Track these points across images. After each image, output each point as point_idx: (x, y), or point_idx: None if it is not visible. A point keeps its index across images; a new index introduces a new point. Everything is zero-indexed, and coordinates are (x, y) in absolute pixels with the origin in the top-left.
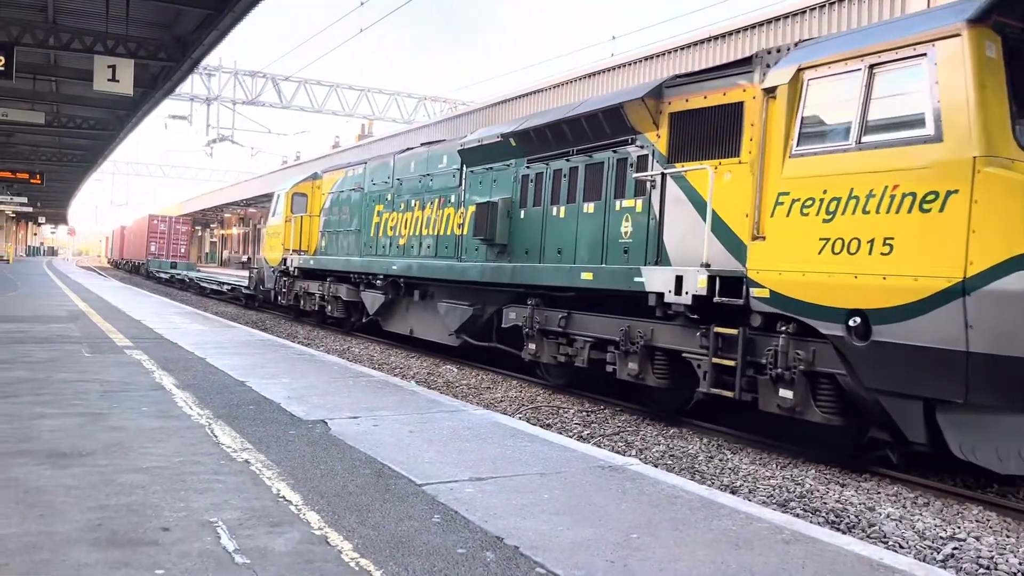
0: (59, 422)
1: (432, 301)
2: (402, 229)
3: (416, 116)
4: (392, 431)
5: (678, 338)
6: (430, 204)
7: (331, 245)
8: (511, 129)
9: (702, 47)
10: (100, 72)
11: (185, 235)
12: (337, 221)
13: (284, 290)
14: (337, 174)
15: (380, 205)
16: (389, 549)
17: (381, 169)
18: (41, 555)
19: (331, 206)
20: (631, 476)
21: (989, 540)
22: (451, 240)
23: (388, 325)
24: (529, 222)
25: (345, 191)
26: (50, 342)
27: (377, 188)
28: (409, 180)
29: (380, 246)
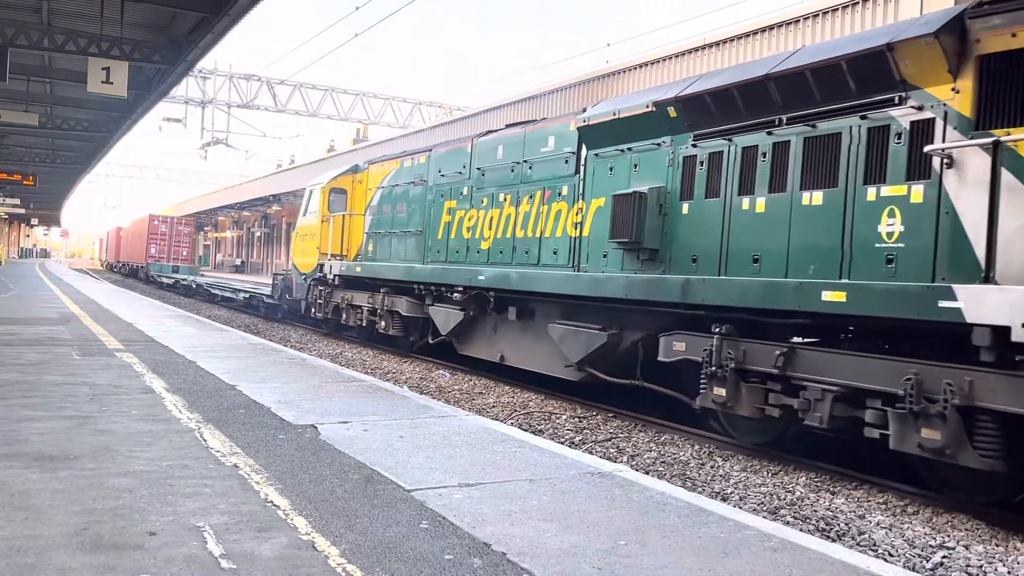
0: (47, 425)
1: (535, 321)
2: (484, 230)
3: (411, 121)
4: (382, 436)
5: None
6: (528, 198)
7: (381, 249)
8: (669, 95)
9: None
10: (94, 74)
11: (188, 237)
12: (390, 221)
13: (320, 301)
14: (388, 165)
15: (452, 201)
16: (376, 555)
17: (453, 157)
18: (26, 559)
19: (381, 203)
20: (621, 483)
21: (978, 549)
22: (563, 243)
23: (467, 348)
24: (698, 219)
25: (401, 185)
26: (40, 344)
27: (447, 180)
28: (496, 169)
29: (452, 251)
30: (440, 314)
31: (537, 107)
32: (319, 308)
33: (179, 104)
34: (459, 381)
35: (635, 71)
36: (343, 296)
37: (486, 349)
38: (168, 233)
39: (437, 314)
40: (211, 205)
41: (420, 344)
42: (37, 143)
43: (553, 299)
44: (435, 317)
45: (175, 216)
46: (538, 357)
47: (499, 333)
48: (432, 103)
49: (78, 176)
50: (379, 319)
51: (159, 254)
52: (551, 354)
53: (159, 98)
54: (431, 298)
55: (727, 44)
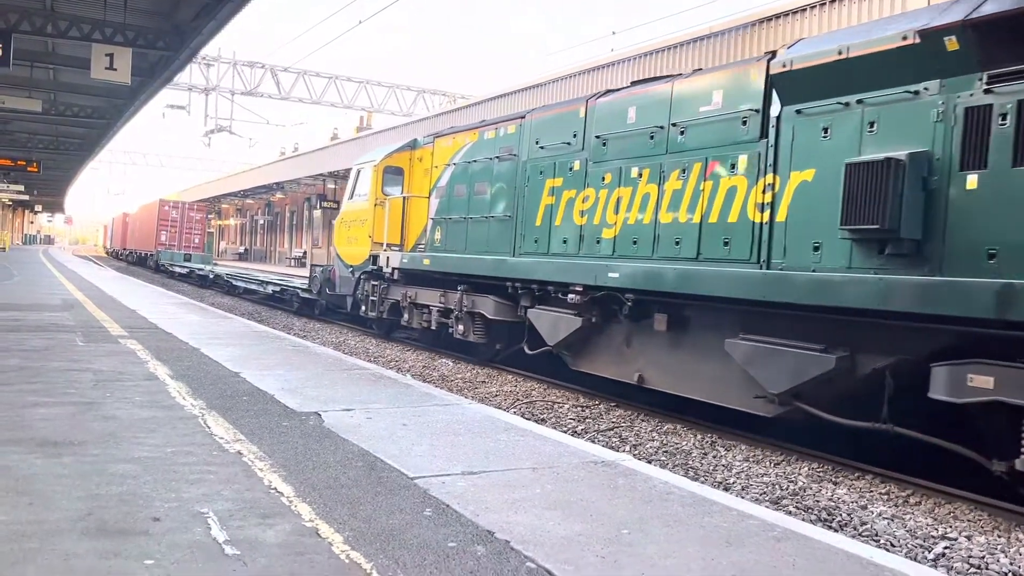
0: (51, 411)
1: (698, 334)
2: (608, 214)
3: (415, 109)
4: (386, 424)
5: None
6: (678, 173)
7: (452, 238)
8: (948, 19)
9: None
10: (98, 60)
11: (200, 223)
12: (464, 204)
13: (373, 298)
14: (461, 138)
15: (556, 179)
16: (380, 542)
17: (557, 125)
18: (30, 544)
19: (452, 183)
20: (624, 472)
21: (980, 540)
22: (739, 231)
23: (585, 363)
24: (997, 198)
25: (479, 161)
26: (44, 331)
27: (549, 154)
28: (624, 137)
29: (556, 241)
30: (545, 319)
31: (545, 94)
32: (371, 306)
33: (183, 91)
34: (462, 370)
35: (642, 59)
36: (404, 293)
37: (614, 366)
38: (179, 219)
39: (541, 319)
40: (215, 192)
41: (508, 353)
42: (40, 129)
43: (726, 305)
44: (537, 323)
45: (186, 201)
46: (704, 382)
47: (636, 347)
48: (436, 91)
49: (82, 163)
50: (454, 322)
51: (169, 241)
52: (728, 379)
53: (163, 85)
54: (530, 299)
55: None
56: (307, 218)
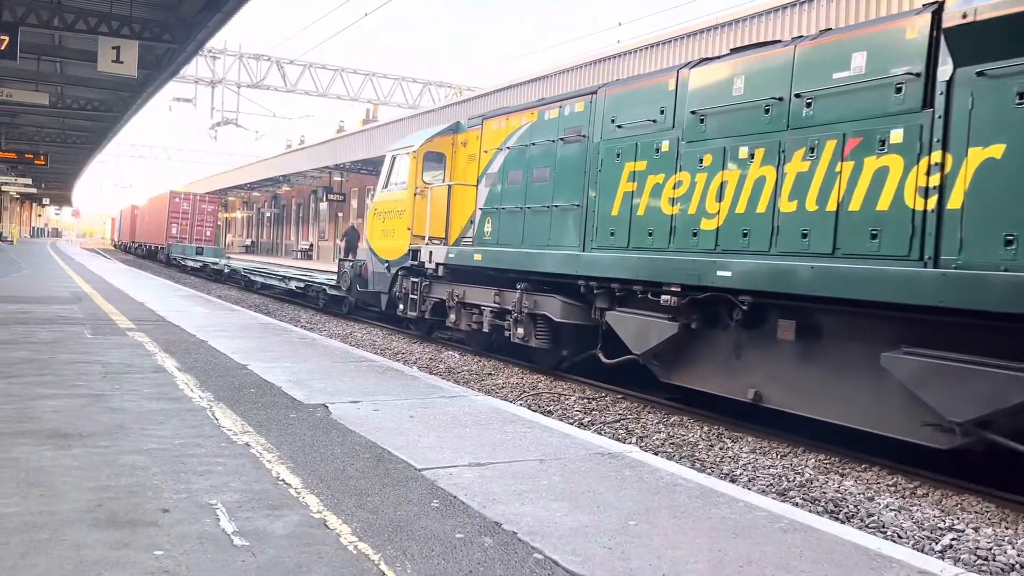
0: (61, 403)
1: (829, 345)
2: (708, 202)
3: (421, 101)
4: (392, 416)
5: None
6: (805, 152)
7: (507, 230)
8: None
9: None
10: (104, 53)
11: (212, 215)
12: (520, 192)
13: (413, 297)
14: (515, 119)
15: (638, 162)
16: (388, 533)
17: (639, 100)
18: (41, 535)
19: (506, 169)
20: (630, 463)
21: (988, 532)
22: (895, 220)
23: (680, 375)
24: None
25: (539, 143)
26: (53, 323)
27: (629, 133)
28: (730, 111)
29: (642, 232)
30: (630, 325)
31: (552, 86)
32: (411, 305)
33: (189, 84)
34: (468, 362)
35: (648, 50)
36: (449, 291)
37: (719, 380)
38: (190, 211)
39: (623, 324)
40: (221, 185)
41: (577, 361)
42: (48, 123)
43: (882, 311)
44: (618, 328)
45: (197, 193)
46: (847, 403)
47: (751, 358)
48: (442, 83)
49: (89, 156)
50: (512, 325)
51: (180, 234)
52: (884, 401)
53: (169, 78)
54: (608, 300)
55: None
56: (313, 211)
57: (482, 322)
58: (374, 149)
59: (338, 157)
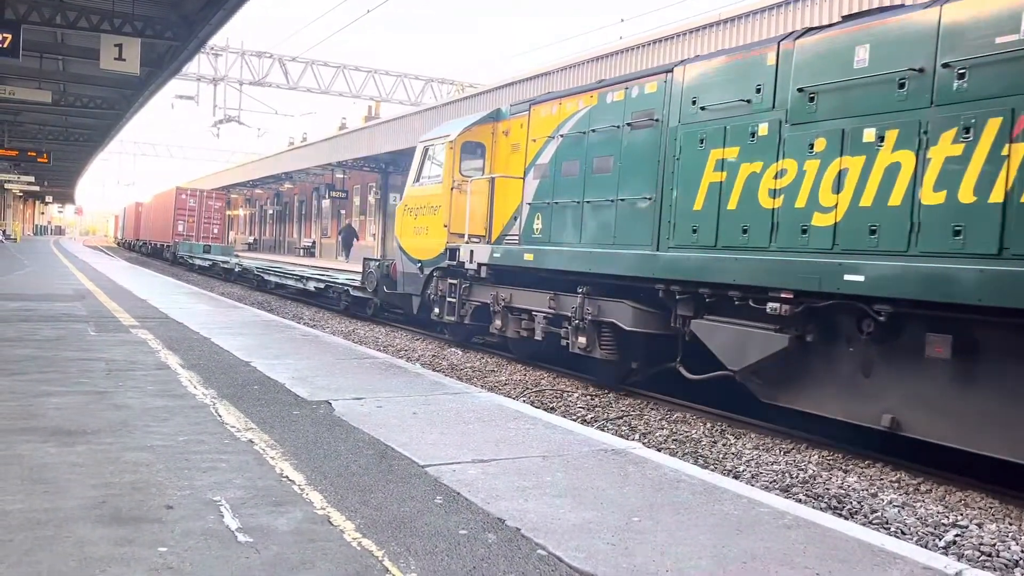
0: (64, 400)
1: (998, 366)
2: (822, 194)
3: (423, 98)
4: (396, 412)
5: None
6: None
7: (561, 226)
8: None
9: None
10: (107, 51)
11: (219, 212)
12: (578, 184)
13: (451, 300)
14: (569, 104)
15: (728, 148)
16: (391, 530)
17: (725, 78)
18: (45, 531)
19: (558, 159)
20: (634, 460)
21: (991, 528)
22: None
23: (788, 394)
24: None
25: (600, 130)
26: (56, 320)
27: (713, 116)
28: (848, 88)
29: (733, 229)
30: (724, 335)
31: (554, 82)
32: (448, 309)
33: (191, 81)
34: (471, 359)
35: (650, 47)
36: (494, 295)
37: (841, 402)
38: (197, 208)
39: (715, 334)
40: (224, 182)
41: (648, 374)
42: (51, 120)
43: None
44: (708, 338)
45: (205, 189)
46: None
47: (885, 378)
48: (444, 80)
49: (92, 153)
50: (572, 333)
51: (187, 232)
52: None
53: (171, 75)
54: (692, 306)
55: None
56: (316, 208)
57: (533, 329)
58: (376, 146)
59: (340, 154)
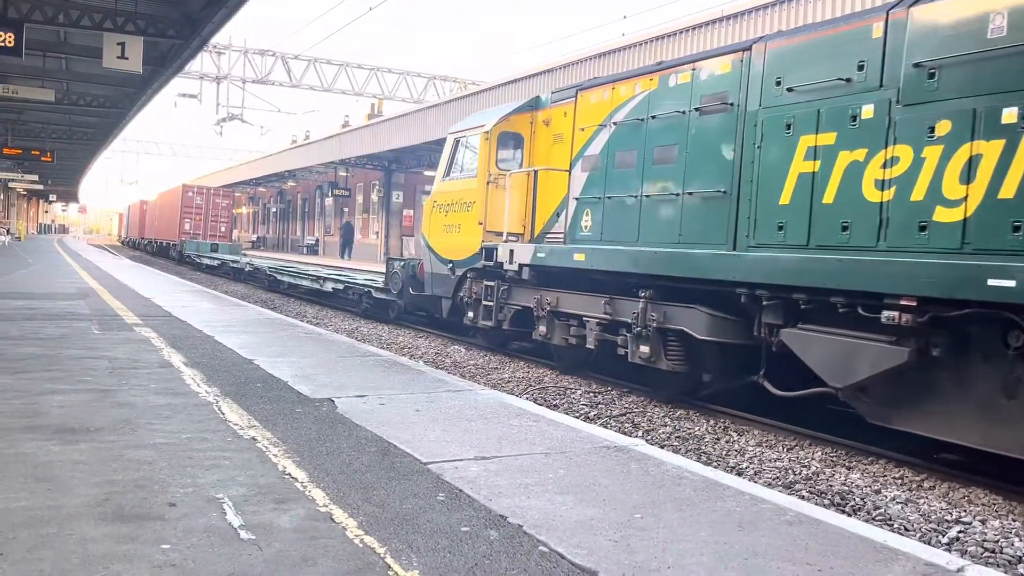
0: (68, 398)
1: None
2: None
3: (426, 96)
4: (398, 410)
5: None
6: None
7: (612, 224)
8: None
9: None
10: (109, 49)
11: (226, 210)
12: (634, 177)
13: (489, 303)
14: (623, 88)
15: (822, 134)
16: (394, 527)
17: (818, 54)
18: (48, 529)
19: (609, 150)
20: (636, 457)
21: (995, 524)
22: None
23: (904, 417)
24: None
25: (661, 117)
26: (60, 319)
27: (803, 98)
28: (982, 60)
29: (830, 225)
30: (824, 347)
31: (559, 79)
32: (484, 314)
33: (194, 79)
34: (474, 356)
35: (651, 44)
36: (537, 298)
37: (979, 429)
38: (204, 206)
39: (812, 346)
40: (227, 180)
41: (720, 388)
42: (54, 119)
43: None
44: (804, 351)
45: (212, 187)
46: None
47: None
48: (447, 78)
49: (95, 152)
50: (632, 341)
51: (194, 230)
52: None
53: (174, 73)
54: (782, 313)
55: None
56: (319, 206)
57: (583, 336)
58: (379, 144)
59: (343, 152)
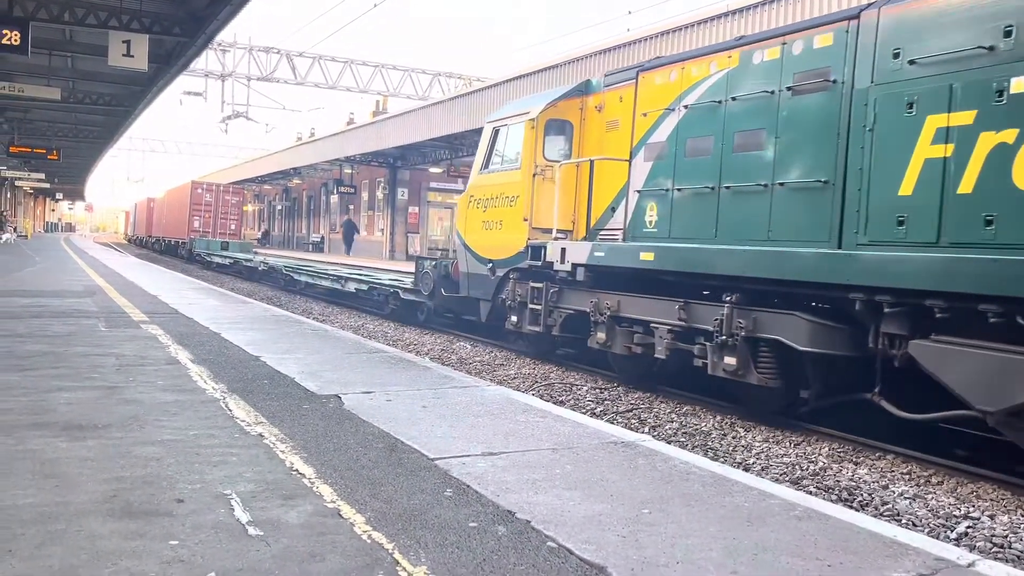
0: (75, 395)
1: None
2: None
3: (431, 92)
4: (405, 406)
5: None
6: None
7: (684, 219)
8: None
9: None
10: (115, 47)
11: (236, 207)
12: (711, 166)
13: (536, 306)
14: (696, 67)
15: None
16: (401, 522)
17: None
18: (56, 525)
19: (679, 136)
20: (644, 452)
21: (1003, 519)
22: None
23: None
24: None
25: (744, 97)
26: (67, 316)
27: (926, 72)
28: None
29: (969, 219)
30: (970, 363)
31: (563, 75)
32: (531, 318)
33: (199, 77)
34: (480, 352)
35: (657, 39)
36: (594, 302)
37: None
38: (213, 203)
39: (952, 362)
40: (233, 178)
41: (824, 405)
42: (60, 117)
43: None
44: (940, 367)
45: (221, 183)
46: None
47: None
48: (451, 74)
49: (101, 150)
50: (715, 351)
51: (204, 228)
52: None
53: (179, 71)
54: (906, 322)
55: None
56: (324, 203)
57: (650, 344)
58: (384, 141)
59: (348, 149)
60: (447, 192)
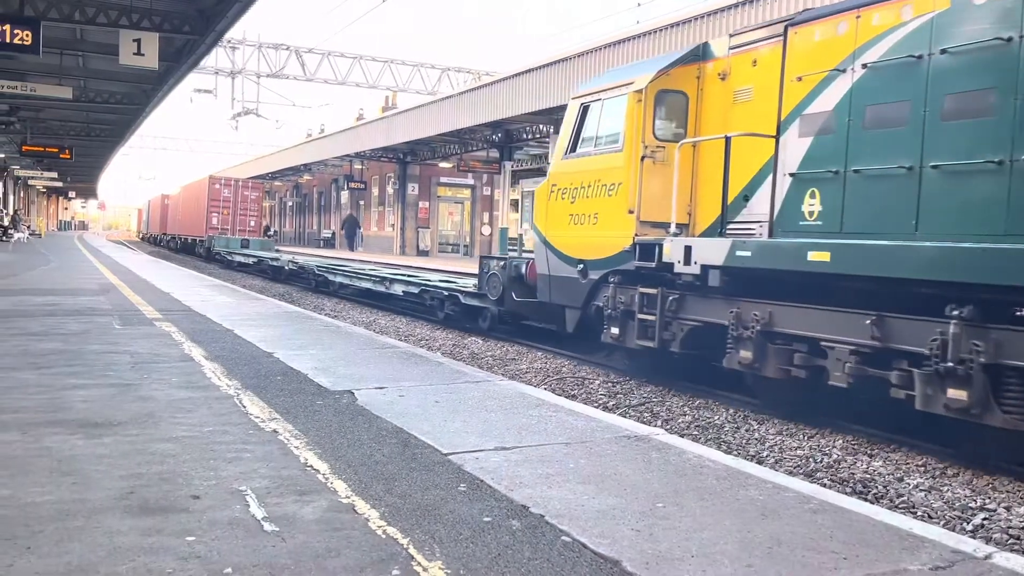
0: (91, 392)
1: None
2: None
3: (440, 87)
4: (418, 401)
5: None
6: None
7: (862, 208)
8: None
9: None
10: (126, 46)
11: (256, 203)
12: (905, 140)
13: (649, 316)
14: (877, 15)
15: None
16: (416, 517)
17: None
18: (75, 522)
19: (854, 104)
20: (657, 446)
21: (1020, 511)
22: None
23: None
24: None
25: (955, 51)
26: (82, 314)
27: None
28: None
29: None
30: None
31: (566, 71)
32: (640, 331)
33: (209, 75)
34: (491, 347)
35: (667, 31)
36: (736, 312)
37: None
38: (232, 199)
39: None
40: (244, 175)
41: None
42: (72, 116)
43: None
44: None
45: (239, 178)
46: None
47: None
48: (460, 69)
49: (113, 149)
50: (929, 382)
51: (222, 225)
52: None
53: (189, 69)
54: None
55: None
56: (335, 199)
57: (819, 368)
58: (393, 136)
59: (358, 145)
60: (457, 187)
